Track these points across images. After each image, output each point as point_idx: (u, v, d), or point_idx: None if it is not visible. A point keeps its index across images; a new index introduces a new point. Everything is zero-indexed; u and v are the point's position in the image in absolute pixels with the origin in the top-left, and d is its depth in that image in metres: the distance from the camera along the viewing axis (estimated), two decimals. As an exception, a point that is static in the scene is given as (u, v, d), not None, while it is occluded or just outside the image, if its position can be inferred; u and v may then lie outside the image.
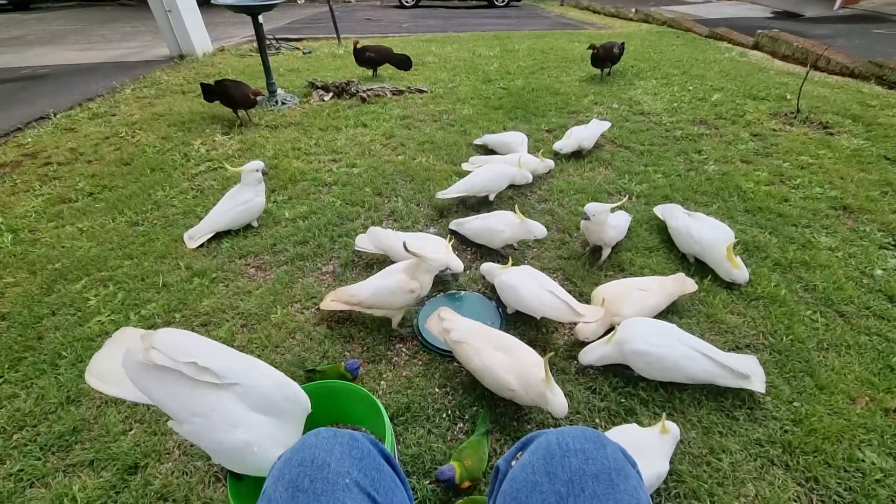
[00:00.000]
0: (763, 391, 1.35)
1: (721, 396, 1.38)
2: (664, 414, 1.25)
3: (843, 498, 1.14)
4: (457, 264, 1.81)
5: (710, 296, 1.76)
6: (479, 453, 1.18)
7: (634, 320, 1.47)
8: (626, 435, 1.19)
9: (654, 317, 1.61)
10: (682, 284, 1.71)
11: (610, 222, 1.87)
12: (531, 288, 1.57)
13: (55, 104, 4.09)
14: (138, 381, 0.74)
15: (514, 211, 1.93)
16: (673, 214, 2.03)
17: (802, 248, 2.02)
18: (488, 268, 1.81)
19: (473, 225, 2.05)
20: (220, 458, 0.80)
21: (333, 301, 1.65)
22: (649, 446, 1.14)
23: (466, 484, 1.13)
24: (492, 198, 2.37)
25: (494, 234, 1.97)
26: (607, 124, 3.03)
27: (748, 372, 1.35)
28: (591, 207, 1.81)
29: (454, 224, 2.15)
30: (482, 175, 2.32)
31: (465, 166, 2.63)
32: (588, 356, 1.45)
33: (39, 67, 5.64)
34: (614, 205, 1.92)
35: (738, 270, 1.77)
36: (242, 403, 0.76)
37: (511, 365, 1.29)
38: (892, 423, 1.29)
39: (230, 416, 0.75)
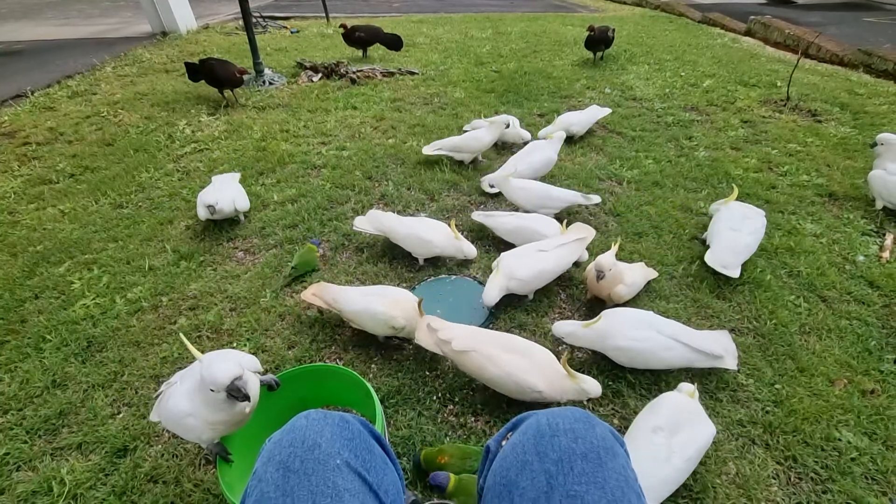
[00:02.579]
0: (735, 367, 1.38)
1: (705, 379, 1.41)
2: (694, 385, 1.26)
3: (820, 475, 1.18)
4: (470, 249, 1.83)
5: (697, 280, 1.78)
6: (465, 455, 1.14)
7: (614, 312, 1.48)
8: (671, 401, 1.20)
9: (632, 300, 1.67)
10: (647, 270, 1.77)
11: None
12: (529, 254, 1.65)
13: (32, 82, 3.95)
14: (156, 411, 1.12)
15: (562, 225, 1.82)
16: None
17: (788, 235, 2.05)
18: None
19: (509, 221, 1.91)
20: (167, 424, 1.08)
21: (315, 296, 1.56)
22: (696, 409, 1.18)
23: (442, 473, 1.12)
24: (467, 160, 2.60)
25: (538, 235, 1.83)
26: (606, 111, 2.99)
27: (721, 351, 1.38)
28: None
29: (479, 215, 1.99)
30: (459, 137, 2.57)
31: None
32: (560, 329, 1.47)
33: (14, 43, 5.42)
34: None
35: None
36: (178, 389, 1.05)
37: (532, 367, 1.25)
38: (868, 404, 1.34)
39: (169, 398, 1.05)
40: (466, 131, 3.03)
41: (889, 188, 2.11)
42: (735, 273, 1.72)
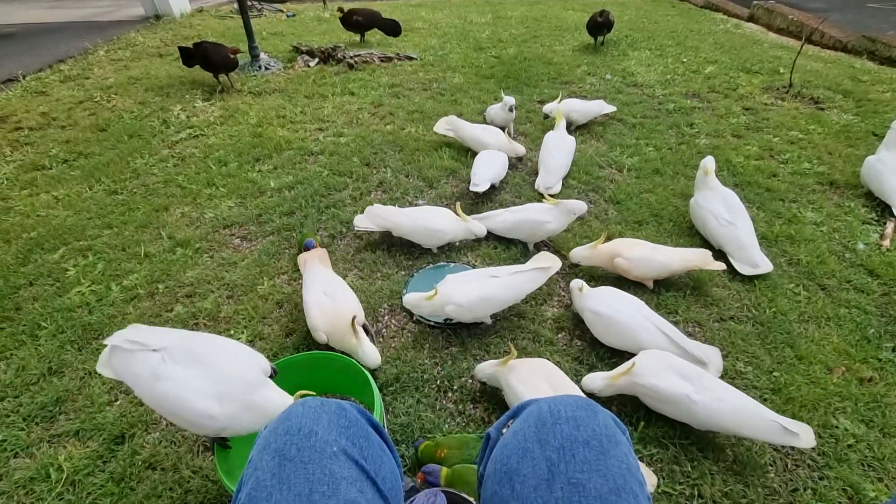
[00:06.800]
0: (717, 377, 1.30)
1: (704, 367, 1.41)
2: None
3: (817, 462, 1.19)
4: (478, 228, 1.83)
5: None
6: (463, 444, 1.13)
7: (604, 289, 1.50)
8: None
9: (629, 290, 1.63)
10: (703, 258, 1.66)
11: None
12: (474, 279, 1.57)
13: (23, 66, 3.88)
14: (108, 362, 0.96)
15: (546, 197, 1.79)
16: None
17: (788, 223, 2.03)
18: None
19: (506, 218, 1.87)
20: (156, 408, 0.96)
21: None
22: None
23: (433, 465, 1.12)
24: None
25: (538, 225, 1.79)
26: (611, 108, 2.95)
27: (706, 360, 1.33)
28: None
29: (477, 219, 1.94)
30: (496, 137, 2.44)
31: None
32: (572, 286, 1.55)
33: (5, 26, 5.31)
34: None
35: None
36: (167, 362, 0.90)
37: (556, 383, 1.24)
38: (865, 392, 1.34)
39: (154, 372, 0.89)
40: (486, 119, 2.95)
41: (871, 173, 2.13)
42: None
